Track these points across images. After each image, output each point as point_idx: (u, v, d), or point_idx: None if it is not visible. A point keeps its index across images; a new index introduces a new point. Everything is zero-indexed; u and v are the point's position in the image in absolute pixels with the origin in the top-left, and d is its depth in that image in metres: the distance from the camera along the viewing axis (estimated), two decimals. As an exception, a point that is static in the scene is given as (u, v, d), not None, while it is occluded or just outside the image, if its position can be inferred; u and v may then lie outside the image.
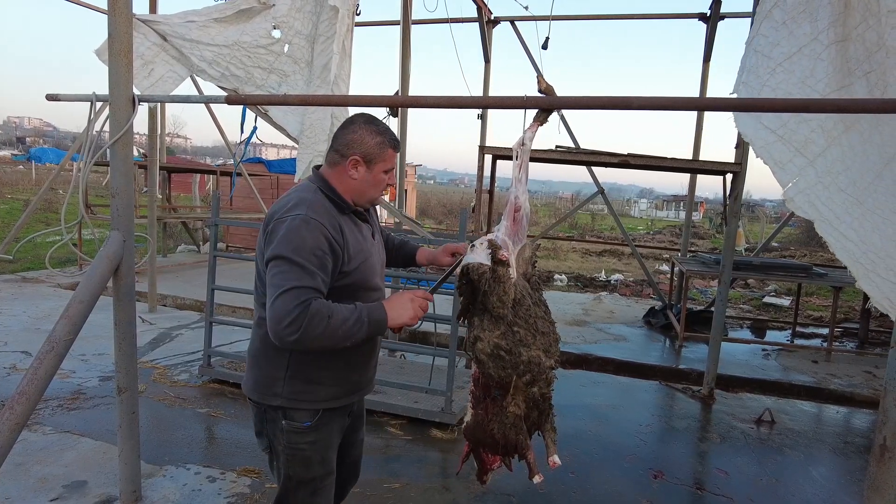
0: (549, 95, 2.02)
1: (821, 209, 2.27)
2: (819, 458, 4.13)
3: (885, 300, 2.16)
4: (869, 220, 2.25)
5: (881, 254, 2.20)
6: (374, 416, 4.19)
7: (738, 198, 4.83)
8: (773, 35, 2.35)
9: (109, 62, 2.45)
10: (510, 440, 1.93)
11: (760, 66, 2.36)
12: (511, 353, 1.82)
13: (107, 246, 2.59)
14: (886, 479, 1.74)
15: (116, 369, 2.75)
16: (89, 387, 4.47)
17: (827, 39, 2.31)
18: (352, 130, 1.85)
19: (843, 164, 2.32)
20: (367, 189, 1.89)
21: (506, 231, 1.94)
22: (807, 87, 2.31)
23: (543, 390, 1.95)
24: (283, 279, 1.63)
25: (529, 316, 1.86)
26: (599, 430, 4.36)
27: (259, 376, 1.86)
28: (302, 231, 1.69)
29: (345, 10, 4.57)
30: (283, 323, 1.57)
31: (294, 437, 1.83)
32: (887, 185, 2.27)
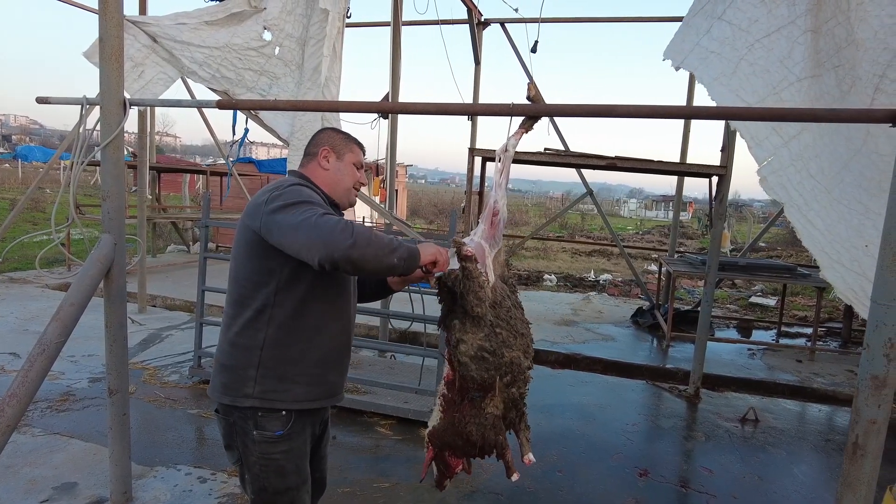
0: (536, 103, 2.07)
1: (791, 193, 2.31)
2: (801, 456, 4.22)
3: (848, 291, 2.22)
4: (835, 210, 2.31)
5: (846, 244, 2.25)
6: (364, 417, 4.23)
7: (724, 200, 4.91)
8: (751, 11, 2.40)
9: (100, 65, 2.47)
10: (489, 441, 1.94)
11: (737, 39, 2.40)
12: (495, 355, 1.85)
13: (98, 248, 2.61)
14: (858, 476, 1.80)
15: (107, 371, 2.76)
16: (79, 388, 4.47)
17: (804, 25, 2.37)
18: (319, 133, 2.01)
19: (813, 151, 2.37)
20: (341, 178, 1.94)
21: (482, 234, 1.99)
22: (784, 68, 2.37)
23: (522, 390, 1.98)
24: (311, 211, 1.60)
25: (511, 318, 1.90)
26: (587, 429, 4.42)
27: (228, 378, 1.81)
28: (301, 189, 1.72)
29: (335, 12, 4.60)
30: (336, 232, 1.52)
31: (266, 447, 1.79)
32: (853, 177, 2.33)
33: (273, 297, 1.77)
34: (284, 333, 1.79)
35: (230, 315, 1.84)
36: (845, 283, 2.17)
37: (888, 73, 2.23)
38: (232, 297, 1.84)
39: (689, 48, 2.52)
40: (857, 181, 2.31)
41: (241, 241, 1.82)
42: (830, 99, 2.38)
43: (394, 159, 5.63)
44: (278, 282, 1.77)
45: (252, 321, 1.79)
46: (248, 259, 1.79)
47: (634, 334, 7.47)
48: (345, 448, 3.80)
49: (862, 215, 2.24)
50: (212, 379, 1.89)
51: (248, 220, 1.77)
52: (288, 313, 1.79)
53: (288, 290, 1.78)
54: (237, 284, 1.82)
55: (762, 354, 6.80)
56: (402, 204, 19.77)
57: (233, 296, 1.84)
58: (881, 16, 2.24)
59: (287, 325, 1.79)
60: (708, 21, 2.50)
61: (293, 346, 1.80)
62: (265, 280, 1.77)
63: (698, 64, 2.47)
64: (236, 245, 1.84)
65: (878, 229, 2.16)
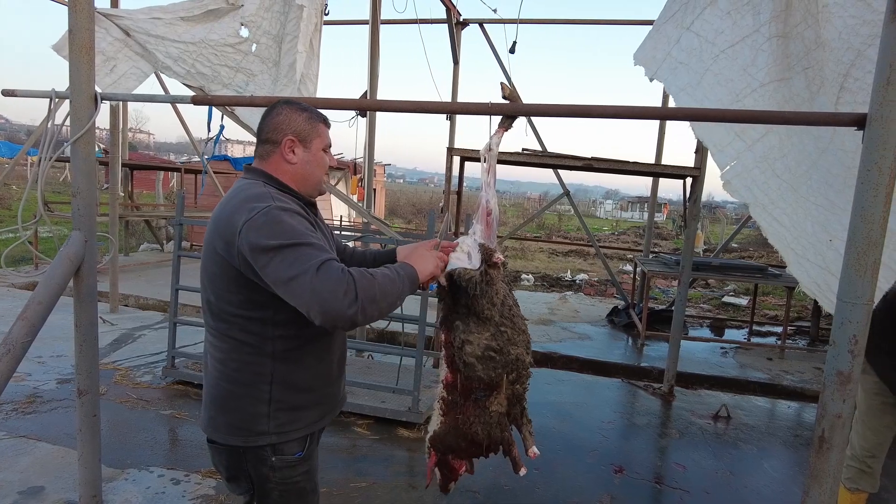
0: (513, 102, 2.08)
1: (756, 193, 2.36)
2: (771, 451, 4.31)
3: (812, 285, 2.27)
4: (802, 207, 2.37)
5: (812, 239, 2.31)
6: (341, 417, 4.20)
7: (697, 201, 4.99)
8: (717, 23, 2.45)
9: (70, 59, 2.41)
10: (495, 438, 1.93)
11: (704, 50, 2.46)
12: (502, 353, 1.83)
13: (68, 246, 2.55)
14: (824, 468, 1.85)
15: (77, 371, 2.70)
16: (46, 390, 4.36)
17: (769, 32, 2.43)
18: (276, 114, 1.69)
19: (780, 151, 2.43)
20: (311, 171, 1.71)
21: (481, 234, 1.99)
22: (748, 75, 2.42)
23: (524, 385, 1.99)
24: (303, 260, 1.40)
25: (514, 315, 1.91)
26: (563, 427, 4.46)
27: (235, 419, 1.63)
28: (283, 217, 1.48)
29: (312, 8, 4.57)
30: (338, 298, 1.36)
31: (287, 472, 1.68)
32: (821, 175, 2.39)
33: (271, 329, 1.60)
34: (293, 364, 1.65)
35: (222, 350, 1.63)
36: (810, 277, 2.23)
37: (852, 72, 2.30)
38: (219, 330, 1.63)
39: (661, 58, 2.56)
40: (825, 178, 2.38)
41: (217, 272, 1.59)
42: (800, 100, 2.44)
43: (372, 158, 5.60)
44: (274, 314, 1.58)
45: (252, 356, 1.61)
46: (229, 292, 1.58)
47: (610, 333, 7.56)
48: (321, 448, 3.70)
49: (828, 211, 2.30)
50: (208, 417, 1.68)
51: (219, 246, 1.55)
52: (291, 343, 1.63)
53: (285, 320, 1.59)
54: (222, 319, 1.62)
55: (734, 353, 6.94)
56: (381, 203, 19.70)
57: (220, 330, 1.63)
58: (844, 16, 2.31)
59: (293, 354, 1.64)
60: (678, 31, 2.54)
61: (304, 374, 1.68)
62: (257, 314, 1.58)
63: (668, 75, 2.51)
64: (208, 268, 1.61)
65: (843, 225, 2.21)
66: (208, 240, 1.60)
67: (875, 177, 1.76)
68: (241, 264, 1.50)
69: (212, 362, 1.68)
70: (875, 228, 1.78)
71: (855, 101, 2.26)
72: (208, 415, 1.69)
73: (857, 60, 2.26)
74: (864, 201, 1.79)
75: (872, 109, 1.77)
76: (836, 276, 2.07)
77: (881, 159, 1.75)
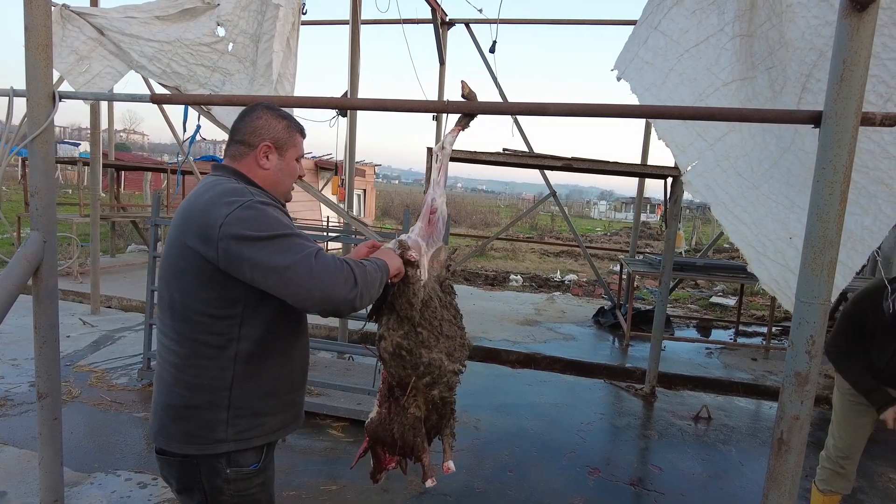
0: (471, 101, 2.05)
1: (717, 192, 2.35)
2: (750, 453, 4.30)
3: (772, 282, 2.26)
4: (763, 205, 2.35)
5: (772, 237, 2.30)
6: (317, 419, 4.16)
7: (678, 201, 4.98)
8: (682, 22, 2.44)
9: (26, 55, 2.37)
10: (407, 441, 1.94)
11: (669, 49, 2.44)
12: (412, 354, 1.83)
13: (26, 246, 2.51)
14: (783, 471, 1.83)
15: (37, 374, 2.66)
16: (18, 392, 4.31)
17: (732, 32, 2.42)
18: (255, 117, 1.67)
19: (742, 150, 2.42)
20: (281, 179, 1.70)
21: (419, 232, 1.96)
22: (711, 74, 2.41)
23: (444, 394, 1.96)
24: (298, 249, 1.39)
25: (435, 318, 1.88)
26: (541, 428, 4.43)
27: (190, 426, 1.56)
28: (267, 210, 1.47)
29: (289, 7, 4.53)
30: (339, 283, 1.37)
31: (243, 484, 1.60)
32: (782, 174, 2.38)
33: (238, 329, 1.53)
34: (255, 367, 1.58)
35: (180, 354, 1.55)
36: (769, 274, 2.21)
37: (814, 72, 2.28)
38: (178, 333, 1.55)
39: (629, 59, 2.55)
40: (785, 178, 2.36)
41: (180, 265, 1.52)
42: (763, 100, 2.42)
43: (353, 158, 5.57)
44: (243, 312, 1.53)
45: (214, 360, 1.54)
46: (200, 289, 1.51)
47: (595, 334, 7.55)
48: (295, 451, 3.73)
49: (788, 209, 2.29)
50: (160, 425, 1.61)
51: (192, 242, 1.48)
52: (256, 345, 1.57)
53: (254, 319, 1.55)
54: (184, 319, 1.54)
55: (719, 353, 6.93)
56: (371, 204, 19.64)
57: (179, 332, 1.55)
58: (807, 16, 2.29)
59: (256, 357, 1.58)
60: (647, 31, 2.53)
61: (265, 378, 1.61)
62: (226, 313, 1.52)
63: (634, 75, 2.50)
64: (172, 267, 1.54)
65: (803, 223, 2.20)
66: (175, 235, 1.54)
67: (830, 175, 1.74)
68: (221, 258, 1.44)
69: (166, 367, 1.60)
70: (831, 227, 1.77)
71: (816, 101, 2.24)
72: (158, 423, 1.61)
73: (820, 61, 2.24)
74: (819, 200, 1.77)
75: (827, 106, 1.76)
76: (795, 273, 2.06)
77: (836, 157, 1.73)
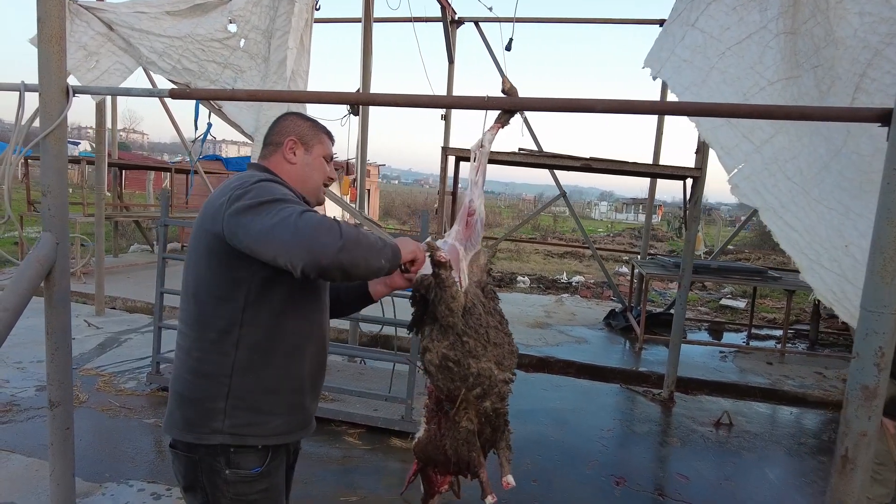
0: (512, 96, 1.94)
1: (766, 197, 2.24)
2: (775, 460, 4.19)
3: (828, 292, 2.15)
4: (815, 210, 2.24)
5: (826, 244, 2.19)
6: (332, 426, 4.05)
7: (698, 203, 4.87)
8: (722, 18, 2.34)
9: (39, 48, 2.25)
10: (462, 457, 1.84)
11: (709, 47, 2.34)
12: (459, 365, 1.73)
13: (37, 248, 2.39)
14: (848, 490, 1.72)
15: (49, 382, 2.55)
16: (24, 397, 4.19)
17: (776, 29, 2.31)
18: (283, 119, 1.75)
19: (790, 153, 2.31)
20: (310, 174, 1.71)
21: (457, 236, 1.86)
22: (755, 73, 2.31)
23: (496, 405, 1.87)
24: (289, 210, 1.37)
25: (480, 325, 1.78)
26: (561, 435, 4.32)
27: (190, 413, 1.54)
28: (272, 186, 1.49)
29: (302, 3, 4.42)
30: (322, 233, 1.32)
31: (242, 487, 1.54)
32: (833, 179, 2.27)
33: (241, 314, 1.51)
34: (258, 357, 1.55)
35: (190, 338, 1.57)
36: (825, 284, 2.10)
37: (869, 71, 2.18)
38: (190, 315, 1.57)
39: (665, 57, 2.45)
40: (838, 182, 2.25)
41: (198, 248, 1.55)
42: (809, 99, 2.32)
43: (364, 157, 5.46)
44: (247, 295, 1.51)
45: (217, 344, 1.53)
46: (208, 270, 1.53)
47: (607, 337, 7.44)
48: (310, 459, 3.62)
49: (842, 216, 2.18)
50: (168, 413, 1.61)
51: (207, 224, 1.51)
52: (260, 333, 1.54)
53: (259, 304, 1.53)
54: (196, 301, 1.56)
55: (733, 357, 6.82)
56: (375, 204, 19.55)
57: (191, 314, 1.57)
58: (861, 13, 2.19)
59: (260, 346, 1.55)
60: (683, 29, 2.43)
61: (268, 372, 1.56)
62: (231, 294, 1.51)
63: (672, 73, 2.40)
64: (193, 253, 1.58)
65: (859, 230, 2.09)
66: (196, 223, 1.57)
67: (903, 176, 1.63)
68: (226, 230, 1.44)
69: (178, 353, 1.61)
70: (903, 232, 1.65)
71: (872, 102, 2.13)
72: (168, 410, 1.62)
73: (875, 60, 2.13)
74: (890, 203, 1.66)
75: (900, 103, 1.65)
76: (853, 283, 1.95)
77: (909, 157, 1.62)
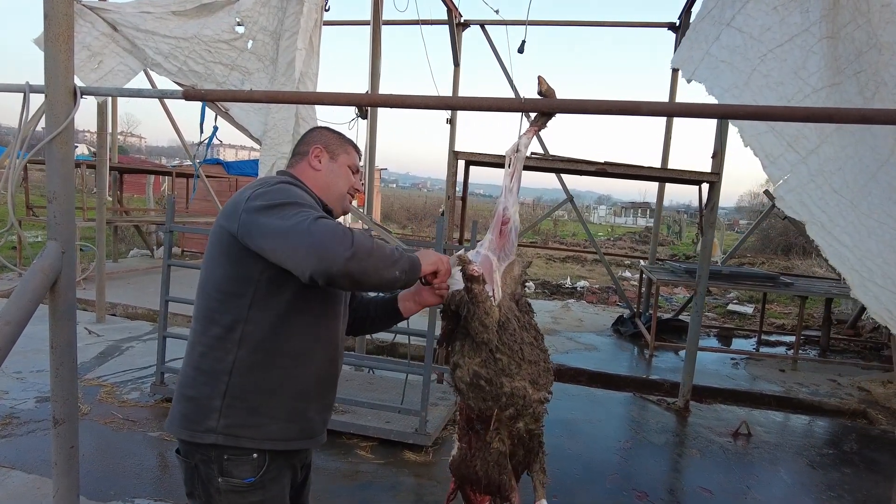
0: (549, 98, 1.83)
1: (813, 210, 2.15)
2: (798, 472, 4.07)
3: (883, 311, 2.05)
4: (864, 225, 2.15)
5: (878, 261, 2.09)
6: (343, 439, 3.92)
7: (715, 207, 4.77)
8: (762, 18, 2.24)
9: (45, 48, 2.14)
10: (493, 479, 1.75)
11: (749, 48, 2.24)
12: (492, 384, 1.63)
13: (42, 257, 2.27)
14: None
15: (53, 398, 2.42)
16: (24, 410, 4.05)
17: (819, 33, 2.22)
18: (311, 132, 1.81)
19: (836, 164, 2.21)
20: (334, 181, 1.72)
21: (489, 245, 1.76)
22: (799, 79, 2.21)
23: (530, 426, 1.77)
24: (304, 214, 1.37)
25: (514, 342, 1.67)
26: (578, 447, 4.20)
27: (188, 408, 1.52)
28: (291, 188, 1.50)
29: (312, 3, 4.32)
30: (334, 241, 1.30)
31: (234, 497, 1.50)
32: (882, 190, 2.17)
33: (246, 311, 1.49)
34: (260, 357, 1.51)
35: (196, 331, 1.56)
36: (879, 302, 2.00)
37: None
38: (199, 311, 1.57)
39: (699, 57, 2.34)
40: (887, 193, 2.15)
41: (213, 243, 1.55)
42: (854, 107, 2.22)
43: (373, 162, 5.35)
44: (254, 293, 1.49)
45: (220, 340, 1.50)
46: (219, 266, 1.53)
47: (616, 343, 7.33)
48: (321, 474, 3.49)
49: (894, 229, 2.07)
50: (171, 411, 1.59)
51: (223, 221, 1.51)
52: (264, 332, 1.51)
53: (265, 303, 1.50)
54: (205, 295, 1.55)
55: (745, 364, 6.72)
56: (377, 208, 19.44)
57: (200, 310, 1.56)
58: None
59: (262, 346, 1.51)
60: (716, 27, 2.32)
61: (269, 373, 1.52)
62: (238, 291, 1.50)
63: (709, 74, 2.29)
64: (208, 249, 1.58)
65: (914, 243, 1.99)
66: (218, 216, 1.57)
67: (975, 183, 1.53)
68: (240, 229, 1.45)
69: (187, 348, 1.60)
70: (973, 242, 1.55)
71: (922, 108, 2.04)
72: (172, 409, 1.60)
73: None
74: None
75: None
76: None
77: (983, 163, 1.51)
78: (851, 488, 3.85)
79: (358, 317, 1.85)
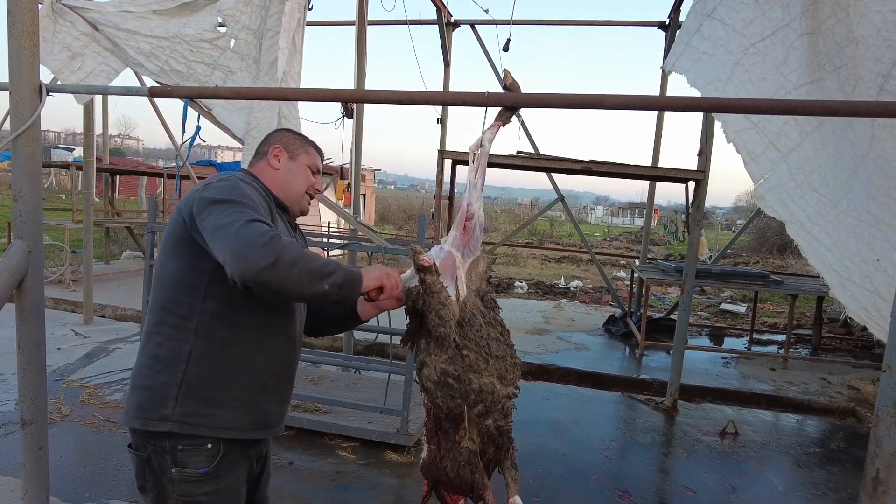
0: (514, 92, 1.81)
1: (793, 209, 2.13)
2: (784, 471, 4.05)
3: (861, 310, 2.04)
4: (843, 224, 2.13)
5: (856, 259, 2.07)
6: (325, 439, 3.90)
7: (701, 206, 4.76)
8: (745, 11, 2.21)
9: (9, 44, 2.12)
10: (465, 479, 1.72)
11: (732, 41, 2.21)
12: (460, 381, 1.60)
13: (7, 256, 2.25)
14: (880, 515, 1.60)
15: (20, 398, 2.39)
16: (3, 412, 4.02)
17: (800, 28, 2.19)
18: (272, 133, 1.82)
19: (816, 162, 2.19)
20: (292, 180, 1.72)
21: (454, 241, 1.73)
22: (780, 75, 2.19)
23: (500, 423, 1.74)
24: (239, 215, 1.38)
25: (481, 337, 1.64)
26: (563, 446, 4.18)
27: (143, 397, 1.51)
28: (241, 186, 1.52)
29: (294, 3, 4.29)
30: (256, 245, 1.30)
31: (187, 487, 1.49)
32: (862, 185, 2.15)
33: (201, 302, 1.51)
34: (216, 347, 1.52)
35: (151, 322, 1.56)
36: (857, 301, 1.98)
37: (893, 72, 2.05)
38: (155, 301, 1.57)
39: (679, 50, 2.32)
40: (866, 189, 2.13)
41: (168, 234, 1.57)
42: (835, 104, 2.19)
43: (359, 161, 5.33)
44: (208, 284, 1.51)
45: (176, 329, 1.52)
46: (174, 256, 1.54)
47: (607, 343, 7.31)
48: (302, 474, 3.47)
49: (872, 227, 2.05)
50: (126, 403, 1.58)
51: (178, 211, 1.54)
52: (219, 323, 1.52)
53: (219, 294, 1.51)
54: (160, 285, 1.56)
55: (736, 363, 6.70)
56: (371, 209, 19.42)
57: (155, 300, 1.57)
58: (884, 11, 2.07)
59: (218, 336, 1.52)
60: (698, 19, 2.30)
61: (224, 364, 1.53)
62: (192, 282, 1.52)
63: (690, 66, 2.26)
64: (164, 239, 1.60)
65: (890, 242, 1.97)
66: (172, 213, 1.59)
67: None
68: (188, 219, 1.48)
69: (142, 339, 1.60)
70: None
71: (896, 104, 2.02)
72: (127, 400, 1.58)
73: None
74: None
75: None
76: (886, 300, 1.82)
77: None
78: (836, 486, 3.83)
79: (317, 316, 1.84)
